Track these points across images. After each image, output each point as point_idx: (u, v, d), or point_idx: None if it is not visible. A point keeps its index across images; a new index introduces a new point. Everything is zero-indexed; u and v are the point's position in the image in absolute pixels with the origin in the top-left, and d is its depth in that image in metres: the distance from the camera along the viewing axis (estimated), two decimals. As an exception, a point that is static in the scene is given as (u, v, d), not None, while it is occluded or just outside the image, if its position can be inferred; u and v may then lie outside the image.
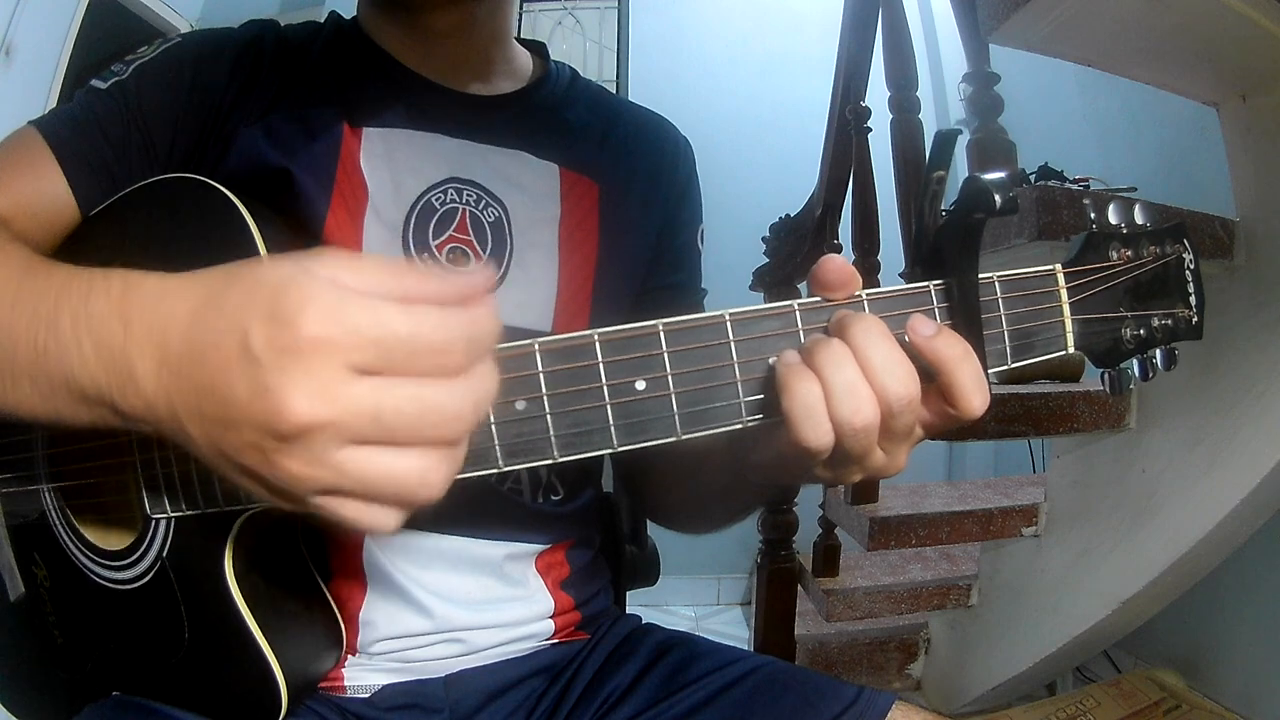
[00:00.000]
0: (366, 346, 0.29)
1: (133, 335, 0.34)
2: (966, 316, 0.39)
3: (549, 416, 0.37)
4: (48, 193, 0.56)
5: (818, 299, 0.40)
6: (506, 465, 0.38)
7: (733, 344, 0.39)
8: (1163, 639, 1.69)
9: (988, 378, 0.39)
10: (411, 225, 0.60)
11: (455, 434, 0.31)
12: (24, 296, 0.39)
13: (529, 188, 0.64)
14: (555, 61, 0.73)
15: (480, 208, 0.62)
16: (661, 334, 0.38)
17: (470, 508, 0.60)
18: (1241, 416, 1.18)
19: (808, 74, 2.46)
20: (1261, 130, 1.18)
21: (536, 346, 0.37)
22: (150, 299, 0.34)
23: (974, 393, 0.37)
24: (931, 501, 1.53)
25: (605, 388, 0.38)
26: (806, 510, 1.61)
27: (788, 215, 1.71)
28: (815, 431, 0.37)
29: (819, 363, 0.37)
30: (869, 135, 1.51)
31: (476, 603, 0.61)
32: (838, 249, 1.57)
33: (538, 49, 0.74)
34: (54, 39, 2.13)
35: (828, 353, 0.37)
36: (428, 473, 0.31)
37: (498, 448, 0.37)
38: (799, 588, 1.65)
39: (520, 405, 0.37)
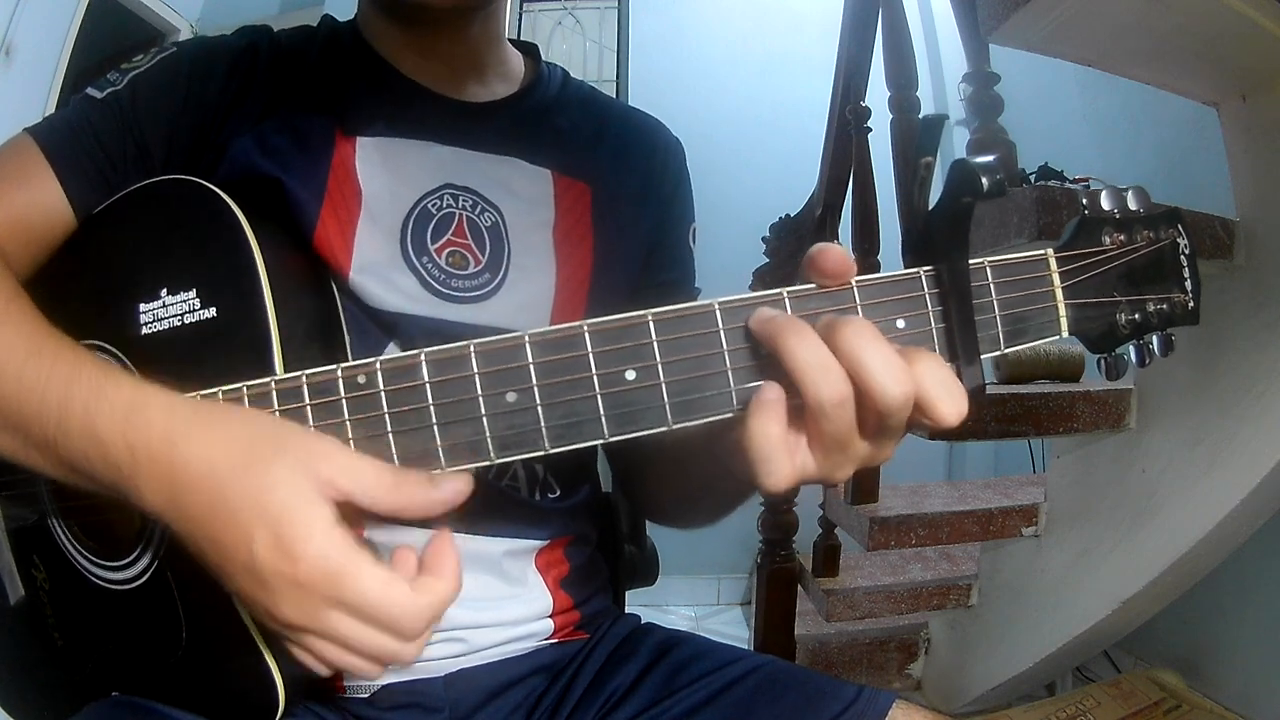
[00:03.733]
0: (345, 599, 0.37)
1: (139, 466, 0.39)
2: (957, 302, 0.39)
3: (540, 408, 0.38)
4: (43, 203, 0.56)
5: (809, 286, 0.40)
6: (499, 457, 0.38)
7: (722, 332, 0.38)
8: (1163, 639, 1.69)
9: (980, 365, 0.39)
10: (409, 230, 0.60)
11: (394, 663, 0.40)
12: (29, 375, 0.43)
13: (523, 193, 0.65)
14: (547, 63, 0.73)
15: (476, 213, 0.62)
16: (651, 324, 0.38)
17: (468, 504, 0.60)
18: (1241, 416, 1.18)
19: (808, 74, 2.46)
20: (1261, 130, 1.18)
21: (526, 338, 0.37)
22: (156, 442, 0.39)
23: (940, 400, 0.36)
24: (931, 501, 1.53)
25: (595, 378, 0.38)
26: (806, 510, 1.61)
27: (788, 215, 1.71)
28: (770, 477, 0.37)
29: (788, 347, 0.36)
30: (869, 135, 1.51)
31: (475, 601, 0.61)
32: (838, 249, 1.57)
33: (529, 50, 0.74)
34: (54, 39, 2.14)
35: (799, 338, 0.36)
36: (364, 669, 0.40)
37: (489, 440, 0.37)
38: (799, 588, 1.65)
39: (511, 397, 0.37)
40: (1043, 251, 0.42)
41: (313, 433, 0.40)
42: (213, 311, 0.48)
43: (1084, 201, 0.43)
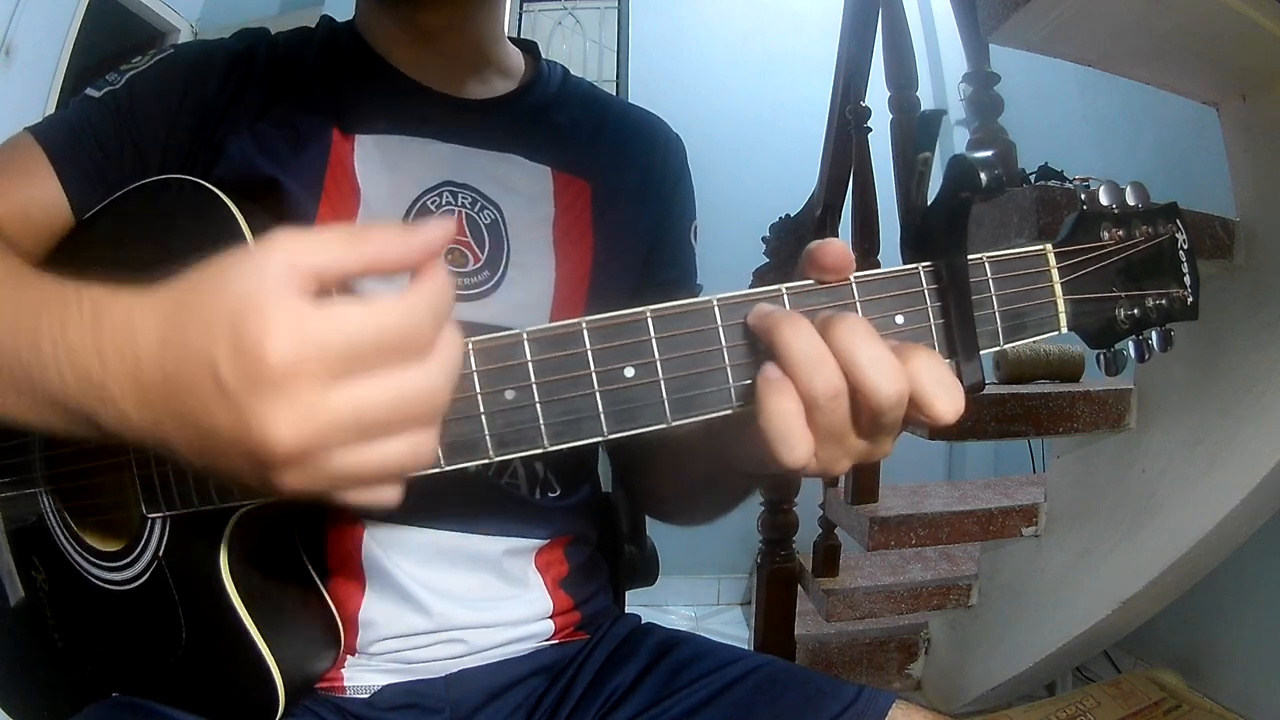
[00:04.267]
0: (336, 357, 0.30)
1: (108, 367, 0.34)
2: (956, 297, 0.39)
3: (538, 405, 0.37)
4: (42, 198, 0.57)
5: (807, 282, 0.40)
6: (498, 455, 0.38)
7: (721, 329, 0.38)
8: (1163, 639, 1.69)
9: (979, 361, 0.39)
10: None
11: (435, 411, 0.32)
12: (4, 311, 0.39)
13: (522, 190, 0.65)
14: (547, 61, 0.73)
15: (476, 210, 0.62)
16: (650, 320, 0.38)
17: (468, 502, 0.60)
18: (1241, 416, 1.18)
19: (808, 74, 2.46)
20: (1261, 130, 1.18)
21: (525, 336, 0.37)
22: (120, 328, 0.34)
23: (936, 397, 0.36)
24: (931, 501, 1.53)
25: (594, 375, 0.38)
26: (806, 510, 1.61)
27: (788, 215, 1.71)
28: (792, 453, 0.36)
29: (786, 343, 0.36)
30: (869, 135, 1.51)
31: (475, 600, 0.61)
32: (838, 249, 1.58)
33: (529, 48, 0.74)
34: (54, 39, 2.14)
35: (794, 331, 0.36)
36: (417, 449, 0.32)
37: (488, 437, 0.37)
38: (799, 588, 1.65)
39: (509, 394, 0.37)
40: (1041, 247, 0.42)
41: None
42: (212, 311, 0.48)
43: (1082, 197, 0.43)
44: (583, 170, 0.67)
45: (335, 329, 0.30)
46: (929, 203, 0.40)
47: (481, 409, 0.37)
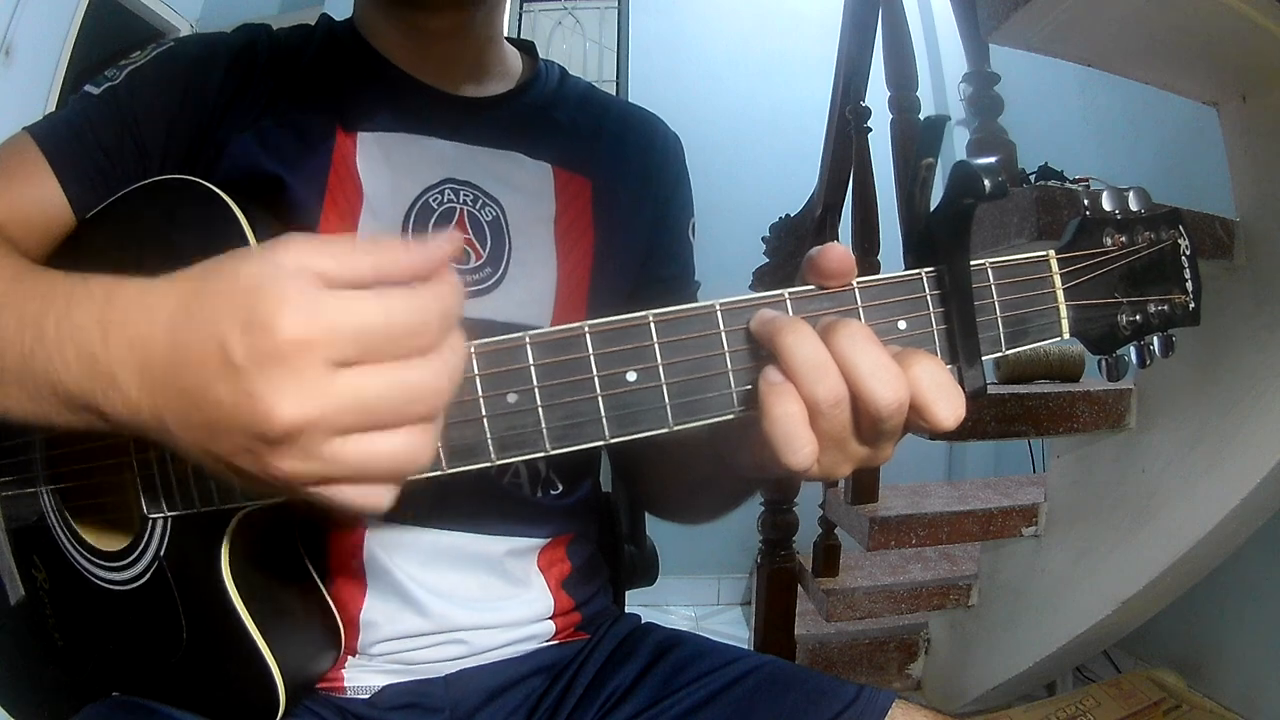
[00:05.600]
0: (345, 341, 0.30)
1: (112, 345, 0.34)
2: (959, 303, 0.39)
3: (540, 409, 0.37)
4: (42, 199, 0.56)
5: (810, 287, 0.40)
6: (499, 458, 0.38)
7: (724, 334, 0.38)
8: (1163, 639, 1.69)
9: (981, 367, 0.39)
10: (410, 225, 0.60)
11: (435, 409, 0.32)
12: (11, 301, 0.40)
13: (524, 187, 0.65)
14: (544, 61, 0.73)
15: (478, 207, 0.62)
16: (652, 325, 0.38)
17: (470, 503, 0.60)
18: (1241, 416, 1.18)
19: (808, 74, 2.46)
20: (1261, 130, 1.18)
21: (527, 339, 0.37)
22: (130, 309, 0.34)
23: (936, 403, 0.36)
24: (931, 501, 1.53)
25: (596, 379, 0.38)
26: (806, 510, 1.61)
27: (788, 215, 1.72)
28: (796, 455, 0.36)
29: (787, 348, 0.36)
30: (869, 135, 1.51)
31: (476, 601, 0.61)
32: (838, 249, 1.58)
33: (527, 48, 0.74)
34: (54, 39, 2.13)
35: (796, 338, 0.36)
36: (415, 447, 0.32)
37: (490, 441, 0.37)
38: (799, 588, 1.65)
39: (512, 398, 0.37)
40: (1044, 253, 0.42)
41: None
42: (213, 312, 0.48)
43: (1085, 202, 0.43)
44: (583, 168, 0.68)
45: (348, 313, 0.30)
46: (932, 208, 0.40)
47: (483, 412, 0.37)
